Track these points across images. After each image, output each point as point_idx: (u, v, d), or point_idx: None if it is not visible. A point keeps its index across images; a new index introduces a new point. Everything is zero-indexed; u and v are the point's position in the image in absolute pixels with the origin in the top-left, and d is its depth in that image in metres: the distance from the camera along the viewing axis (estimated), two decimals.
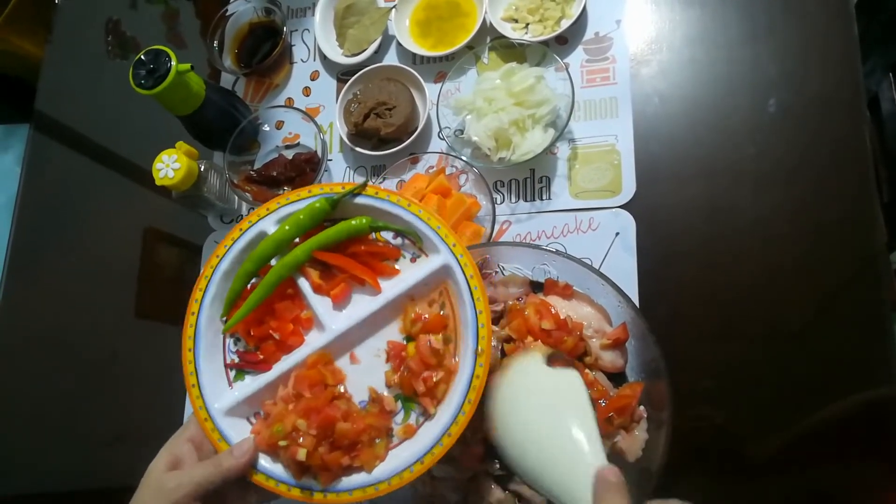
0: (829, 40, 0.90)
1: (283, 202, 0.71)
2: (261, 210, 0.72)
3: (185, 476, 0.62)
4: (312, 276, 0.70)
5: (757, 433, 0.81)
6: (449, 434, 0.63)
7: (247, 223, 0.71)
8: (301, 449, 0.63)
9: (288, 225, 0.70)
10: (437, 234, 0.68)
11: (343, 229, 0.69)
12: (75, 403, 1.06)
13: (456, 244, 0.68)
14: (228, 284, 0.71)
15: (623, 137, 0.92)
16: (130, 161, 1.17)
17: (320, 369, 0.67)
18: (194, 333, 0.70)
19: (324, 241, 0.69)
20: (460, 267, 0.67)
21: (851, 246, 0.83)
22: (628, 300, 0.76)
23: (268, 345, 0.70)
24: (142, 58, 0.89)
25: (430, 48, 1.01)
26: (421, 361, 0.65)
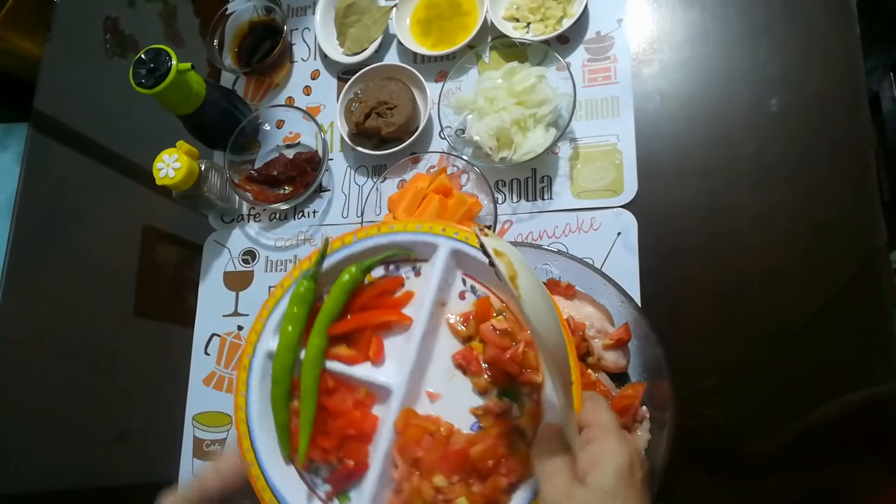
0: (831, 39, 0.90)
1: (270, 307, 0.65)
2: (251, 335, 0.65)
3: (178, 492, 0.59)
4: (341, 353, 0.63)
5: (758, 431, 0.81)
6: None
7: (249, 350, 0.65)
8: (460, 499, 0.56)
9: (290, 325, 0.63)
10: (422, 233, 0.63)
11: (339, 293, 0.63)
12: (75, 403, 1.06)
13: (446, 228, 0.63)
14: (268, 421, 0.63)
15: (625, 137, 0.92)
16: (130, 160, 1.17)
17: (415, 424, 0.59)
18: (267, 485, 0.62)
19: (329, 316, 0.63)
20: (465, 244, 0.62)
21: (852, 244, 0.83)
22: (630, 300, 0.76)
23: (348, 446, 0.61)
24: (142, 57, 0.89)
25: (431, 47, 1.01)
26: (497, 346, 0.59)
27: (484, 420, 0.60)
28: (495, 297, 0.63)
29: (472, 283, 0.64)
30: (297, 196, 0.98)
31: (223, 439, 0.96)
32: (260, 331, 0.65)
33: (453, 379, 0.62)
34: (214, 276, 1.04)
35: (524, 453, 0.56)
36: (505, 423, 0.58)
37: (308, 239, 1.01)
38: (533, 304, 0.51)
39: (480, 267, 0.61)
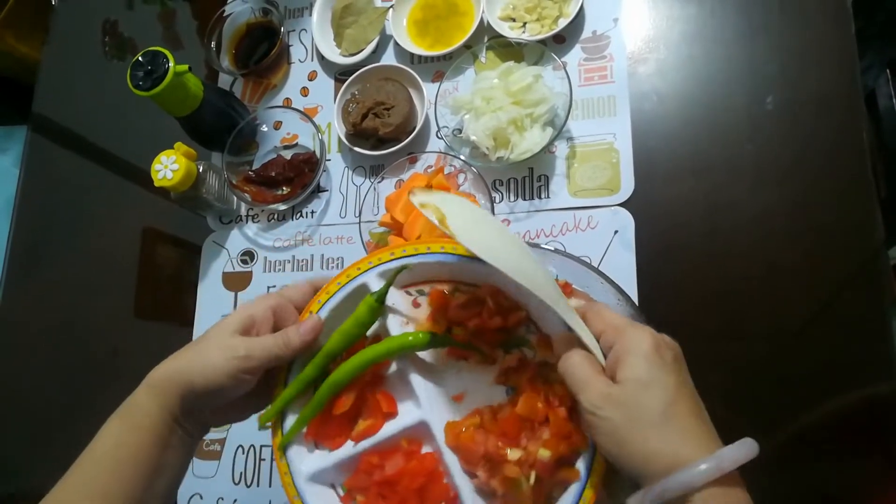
0: (827, 37, 0.90)
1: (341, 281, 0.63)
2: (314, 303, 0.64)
3: (257, 346, 0.58)
4: (362, 429, 0.62)
5: (756, 430, 0.80)
6: None
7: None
8: (541, 451, 0.54)
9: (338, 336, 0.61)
10: (414, 254, 0.62)
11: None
12: (76, 403, 1.06)
13: (431, 246, 0.62)
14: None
15: (621, 136, 0.92)
16: (129, 162, 1.17)
17: (462, 429, 0.59)
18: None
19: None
20: (450, 254, 0.61)
21: (850, 242, 0.83)
22: (628, 298, 0.76)
23: (429, 495, 0.60)
24: (139, 59, 0.90)
25: (427, 48, 1.01)
26: (471, 318, 0.60)
27: (511, 380, 0.60)
28: (441, 283, 0.63)
29: (415, 290, 0.64)
30: (295, 197, 0.98)
31: (223, 438, 0.97)
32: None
33: (461, 372, 0.62)
34: (213, 276, 1.04)
35: (560, 377, 0.55)
36: (528, 368, 0.59)
37: (306, 239, 1.01)
38: (473, 233, 0.52)
39: (414, 271, 0.62)
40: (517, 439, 0.57)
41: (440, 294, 0.62)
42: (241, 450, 0.96)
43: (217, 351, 0.58)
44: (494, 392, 0.61)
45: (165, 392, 0.58)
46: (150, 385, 0.59)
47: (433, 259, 0.61)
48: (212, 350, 0.58)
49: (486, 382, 0.61)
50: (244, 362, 0.57)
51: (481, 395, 0.61)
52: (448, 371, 0.62)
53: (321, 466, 0.61)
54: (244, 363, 0.57)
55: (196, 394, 0.58)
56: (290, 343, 0.60)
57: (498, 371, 0.61)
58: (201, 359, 0.58)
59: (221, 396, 0.59)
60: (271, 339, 0.60)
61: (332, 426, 0.63)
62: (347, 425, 0.63)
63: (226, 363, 0.57)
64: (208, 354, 0.58)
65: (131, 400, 0.60)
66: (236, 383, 0.58)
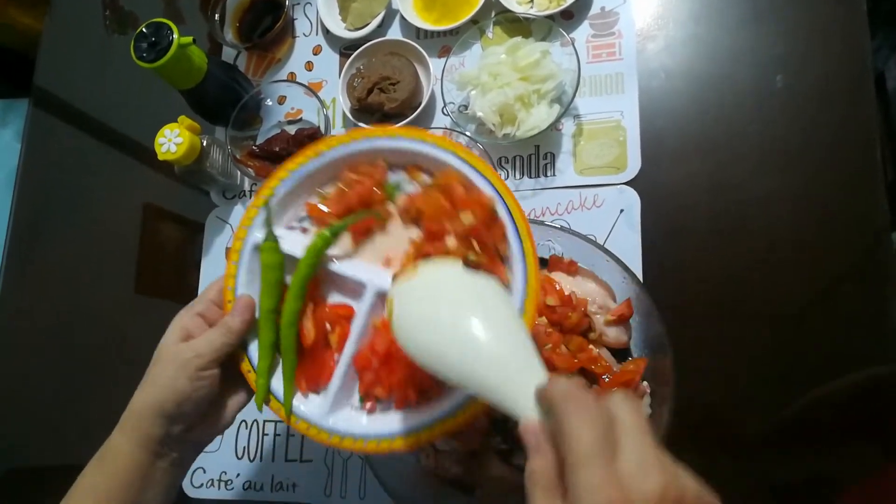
0: (838, 17, 0.89)
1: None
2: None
3: (202, 344, 0.61)
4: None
5: (756, 412, 0.81)
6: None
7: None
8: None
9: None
10: (270, 195, 0.68)
11: (312, 256, 0.65)
12: (78, 382, 1.06)
13: (272, 182, 0.68)
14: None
15: (629, 114, 0.91)
16: (131, 137, 1.16)
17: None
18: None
19: (305, 278, 0.65)
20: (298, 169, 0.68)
21: (855, 225, 0.83)
22: (633, 276, 0.76)
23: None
24: (143, 31, 0.88)
25: (434, 22, 1.00)
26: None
27: (412, 215, 0.67)
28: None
29: (296, 222, 0.69)
30: None
31: None
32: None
33: (374, 242, 0.68)
34: (216, 252, 1.04)
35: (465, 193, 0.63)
36: (416, 196, 0.67)
37: None
38: (417, 336, 0.49)
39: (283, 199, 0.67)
40: (444, 232, 0.62)
41: (314, 206, 0.68)
42: (244, 424, 0.96)
43: (168, 366, 0.61)
44: (410, 233, 0.67)
45: (136, 428, 0.61)
46: (121, 427, 0.62)
47: (291, 182, 0.68)
48: (164, 369, 0.61)
49: (398, 233, 0.67)
50: (196, 361, 0.61)
51: (402, 243, 0.66)
52: (364, 248, 0.68)
53: (333, 398, 0.64)
54: (196, 361, 0.60)
55: (167, 414, 0.60)
56: (231, 327, 0.63)
57: (399, 218, 0.67)
58: (158, 381, 0.61)
59: (192, 404, 0.61)
60: (212, 331, 0.63)
61: (315, 363, 0.66)
62: (324, 353, 0.66)
63: (180, 370, 0.60)
64: (162, 374, 0.61)
65: (107, 444, 0.63)
66: (198, 385, 0.61)
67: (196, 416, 0.62)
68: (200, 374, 0.61)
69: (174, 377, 0.60)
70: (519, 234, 0.62)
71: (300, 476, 0.93)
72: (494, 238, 0.62)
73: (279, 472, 0.93)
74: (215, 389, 0.63)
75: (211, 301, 0.67)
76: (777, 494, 0.80)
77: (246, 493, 0.94)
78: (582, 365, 0.73)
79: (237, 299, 0.65)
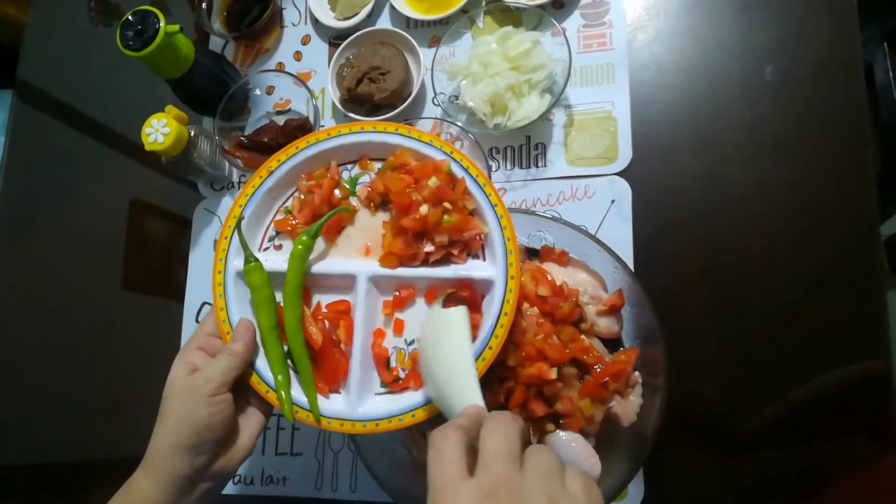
0: (828, 9, 0.89)
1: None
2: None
3: (209, 370, 0.63)
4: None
5: (748, 404, 0.82)
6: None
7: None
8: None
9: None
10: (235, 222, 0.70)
11: (298, 262, 0.68)
12: (68, 374, 1.05)
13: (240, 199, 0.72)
14: None
15: (620, 104, 0.91)
16: (117, 131, 1.15)
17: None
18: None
19: (296, 286, 0.68)
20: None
21: (845, 216, 0.83)
22: (624, 266, 0.75)
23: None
24: (129, 18, 0.87)
25: (424, 12, 0.99)
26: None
27: (375, 200, 0.71)
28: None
29: (267, 240, 0.73)
30: None
31: None
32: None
33: (349, 236, 0.72)
34: (204, 243, 1.03)
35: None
36: (374, 182, 0.71)
37: None
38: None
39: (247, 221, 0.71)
40: (414, 204, 0.66)
41: (281, 221, 0.72)
42: None
43: (181, 399, 0.62)
44: (379, 218, 0.71)
45: (160, 468, 0.61)
46: (144, 468, 0.62)
47: (253, 204, 0.71)
48: (177, 402, 0.62)
49: (369, 222, 0.71)
50: (207, 387, 0.62)
51: (375, 229, 0.71)
52: (341, 245, 0.71)
53: (357, 389, 0.66)
54: (207, 388, 0.62)
55: (189, 446, 0.61)
56: (236, 350, 0.65)
57: (366, 208, 0.71)
58: (174, 415, 0.62)
59: (211, 432, 0.62)
60: (218, 358, 0.65)
61: (329, 364, 0.67)
62: (335, 352, 0.68)
63: (194, 400, 0.61)
64: (176, 407, 0.62)
65: (129, 485, 0.62)
66: (213, 410, 0.62)
67: (216, 444, 0.63)
68: (214, 399, 0.62)
69: (189, 408, 0.61)
70: (478, 183, 0.67)
71: (291, 470, 0.92)
72: (461, 195, 0.68)
73: (269, 466, 0.93)
74: (231, 415, 0.63)
75: (208, 335, 0.68)
76: (767, 486, 0.80)
77: (236, 487, 0.93)
78: (574, 355, 0.73)
79: (239, 323, 0.67)
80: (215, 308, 0.69)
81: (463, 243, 0.68)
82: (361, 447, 0.76)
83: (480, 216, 0.68)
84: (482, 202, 0.67)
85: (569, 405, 0.71)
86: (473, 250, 0.69)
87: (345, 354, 0.68)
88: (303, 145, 0.72)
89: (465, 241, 0.68)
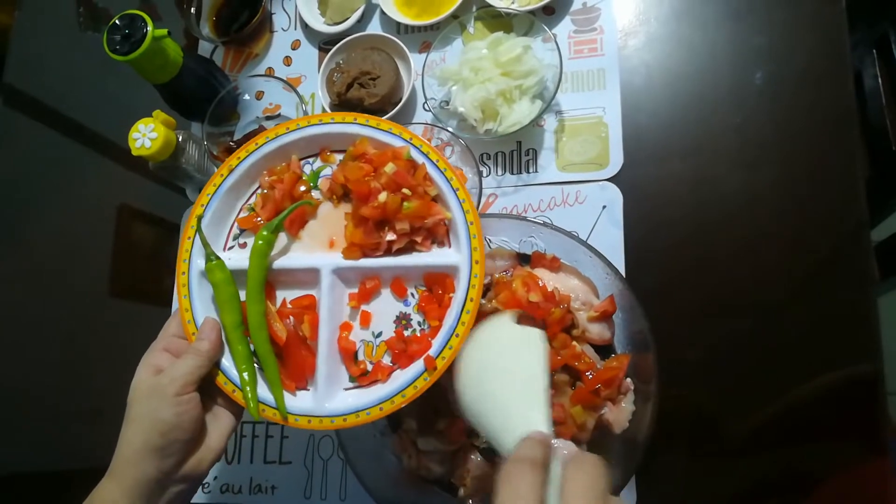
0: (816, 15, 0.89)
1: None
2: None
3: (174, 369, 0.62)
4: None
5: (739, 408, 0.81)
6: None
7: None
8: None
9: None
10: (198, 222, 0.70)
11: (259, 258, 0.68)
12: (51, 379, 1.04)
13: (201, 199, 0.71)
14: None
15: (610, 109, 0.91)
16: (104, 134, 1.14)
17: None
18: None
19: (259, 282, 0.68)
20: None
21: (835, 221, 0.84)
22: (616, 272, 0.75)
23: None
24: (116, 22, 0.86)
25: (414, 17, 0.99)
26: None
27: (337, 192, 0.71)
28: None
29: (231, 239, 0.73)
30: None
31: None
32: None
33: (310, 226, 0.72)
34: None
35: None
36: (334, 176, 0.71)
37: None
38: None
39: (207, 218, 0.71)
40: (373, 192, 0.66)
41: (245, 219, 0.72)
42: None
43: (146, 400, 0.61)
44: (342, 209, 0.70)
45: (127, 474, 0.59)
46: (112, 474, 0.61)
47: (215, 202, 0.71)
48: (142, 404, 0.61)
49: (331, 214, 0.71)
50: (172, 387, 0.61)
51: (338, 221, 0.70)
52: (304, 238, 0.71)
53: (323, 384, 0.65)
54: (172, 387, 0.60)
55: (156, 448, 0.59)
56: (200, 349, 0.64)
57: (328, 200, 0.71)
58: (140, 417, 0.61)
59: (178, 432, 0.60)
60: (183, 357, 0.64)
61: (294, 361, 0.67)
62: (301, 348, 0.67)
63: (159, 400, 0.60)
64: (142, 409, 0.61)
65: (96, 494, 0.61)
66: (179, 410, 0.60)
67: (185, 445, 0.61)
68: (180, 398, 0.60)
69: (155, 409, 0.60)
70: (439, 169, 0.67)
71: (279, 478, 0.91)
72: (421, 181, 0.67)
73: (258, 475, 0.92)
74: (198, 414, 0.62)
75: (173, 335, 0.67)
76: (758, 491, 0.80)
77: (224, 497, 0.92)
78: (565, 362, 0.72)
79: (204, 322, 0.66)
80: (180, 308, 0.69)
81: (427, 230, 0.68)
82: (351, 455, 0.75)
83: (443, 202, 0.67)
84: (444, 187, 0.67)
85: (560, 412, 0.71)
86: (439, 237, 0.68)
87: (311, 350, 0.67)
88: (262, 141, 0.71)
89: (429, 227, 0.67)
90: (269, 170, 0.72)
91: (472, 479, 0.74)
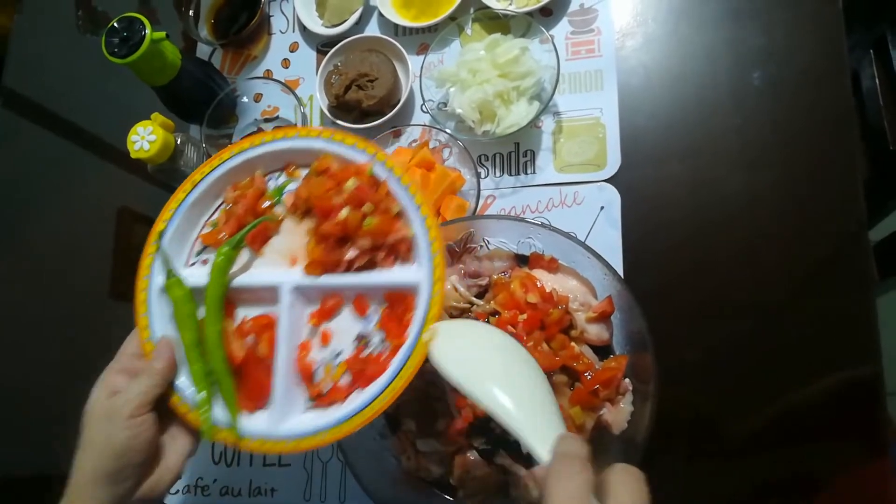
0: (815, 15, 0.90)
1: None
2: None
3: (129, 390, 0.60)
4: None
5: (737, 410, 0.81)
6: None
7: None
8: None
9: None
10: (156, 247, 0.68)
11: (219, 274, 0.66)
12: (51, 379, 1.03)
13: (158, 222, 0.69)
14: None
15: (608, 111, 0.91)
16: (103, 137, 1.14)
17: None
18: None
19: (218, 300, 0.66)
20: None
21: (833, 222, 0.84)
22: (614, 272, 0.75)
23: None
24: (115, 25, 0.86)
25: (412, 19, 0.99)
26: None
27: (300, 208, 0.68)
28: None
29: (195, 256, 0.70)
30: None
31: None
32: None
33: (273, 243, 0.69)
34: None
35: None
36: (297, 192, 0.69)
37: None
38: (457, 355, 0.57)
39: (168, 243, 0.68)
40: (334, 208, 0.64)
41: (208, 235, 0.70)
42: None
43: (98, 424, 0.60)
44: (305, 226, 0.68)
45: (81, 500, 0.58)
46: (66, 502, 0.59)
47: (177, 218, 0.69)
48: (95, 428, 0.60)
49: (294, 230, 0.68)
50: (125, 409, 0.59)
51: (300, 238, 0.68)
52: (266, 255, 0.68)
53: (280, 405, 0.63)
54: (126, 409, 0.59)
55: (109, 473, 0.58)
56: (155, 369, 0.62)
57: (291, 216, 0.69)
58: (92, 442, 0.59)
59: (132, 454, 0.59)
60: (136, 378, 0.62)
61: (252, 380, 0.65)
62: (259, 368, 0.65)
63: (112, 424, 0.59)
64: (94, 433, 0.60)
65: None
66: (133, 433, 0.58)
67: (139, 468, 0.59)
68: (132, 421, 0.59)
69: (107, 433, 0.58)
70: (403, 184, 0.65)
71: (279, 481, 0.91)
72: (384, 198, 0.65)
73: (257, 477, 0.92)
74: (152, 436, 0.60)
75: (131, 355, 0.65)
76: (758, 492, 0.80)
77: (223, 500, 0.92)
78: (563, 363, 0.72)
79: (159, 342, 0.65)
80: (138, 327, 0.67)
81: (389, 247, 0.66)
82: (350, 457, 0.75)
83: (407, 219, 0.65)
84: (407, 204, 0.64)
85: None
86: (402, 255, 0.66)
87: (269, 370, 0.65)
88: (227, 156, 0.70)
89: (392, 244, 0.65)
90: (234, 185, 0.71)
91: (471, 481, 0.74)
